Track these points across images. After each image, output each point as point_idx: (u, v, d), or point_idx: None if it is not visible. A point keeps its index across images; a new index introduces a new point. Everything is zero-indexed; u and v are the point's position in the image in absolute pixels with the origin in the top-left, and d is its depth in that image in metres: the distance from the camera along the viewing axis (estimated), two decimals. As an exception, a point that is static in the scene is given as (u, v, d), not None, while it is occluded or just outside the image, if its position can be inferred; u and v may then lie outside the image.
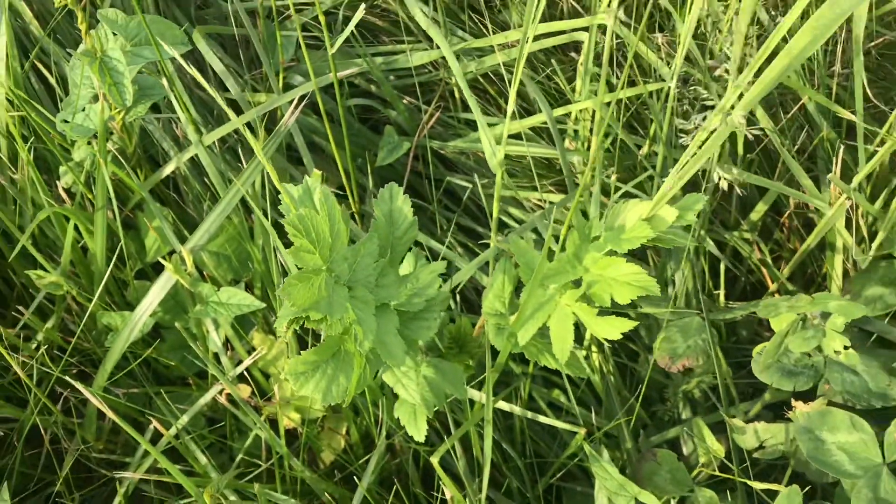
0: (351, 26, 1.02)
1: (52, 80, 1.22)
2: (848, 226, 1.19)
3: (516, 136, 1.33)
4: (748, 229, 1.33)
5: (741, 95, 0.77)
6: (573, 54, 1.38)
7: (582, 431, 1.08)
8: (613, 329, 0.93)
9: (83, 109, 1.08)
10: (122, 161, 1.11)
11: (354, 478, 1.14)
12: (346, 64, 1.41)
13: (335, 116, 1.41)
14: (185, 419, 1.10)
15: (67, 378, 1.05)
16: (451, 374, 1.01)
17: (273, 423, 1.18)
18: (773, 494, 0.97)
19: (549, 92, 1.34)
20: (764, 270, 1.31)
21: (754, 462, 1.05)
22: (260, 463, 1.13)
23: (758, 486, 0.96)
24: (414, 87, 1.43)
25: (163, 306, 1.16)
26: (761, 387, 1.12)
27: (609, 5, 1.10)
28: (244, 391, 1.12)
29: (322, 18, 1.02)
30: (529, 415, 1.09)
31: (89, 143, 1.08)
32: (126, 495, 1.11)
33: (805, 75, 1.20)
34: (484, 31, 1.42)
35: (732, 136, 1.24)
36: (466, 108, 1.42)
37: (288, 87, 1.35)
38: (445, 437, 1.15)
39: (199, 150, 1.06)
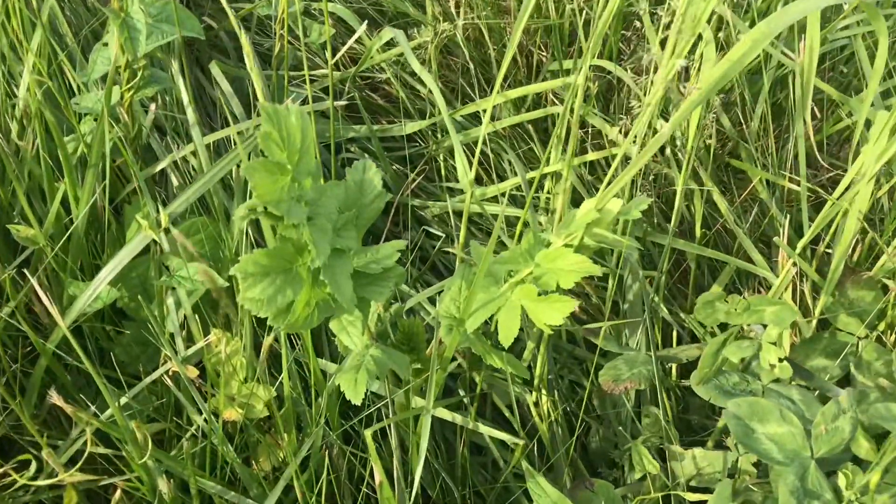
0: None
1: (74, 84, 1.33)
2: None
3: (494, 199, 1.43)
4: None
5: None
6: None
7: (521, 443, 1.08)
8: (555, 312, 0.96)
9: (95, 93, 1.18)
10: (123, 145, 1.19)
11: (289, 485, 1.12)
12: (346, 129, 1.53)
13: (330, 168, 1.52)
14: (132, 393, 1.10)
15: (25, 327, 1.07)
16: (398, 358, 1.03)
17: (217, 417, 1.17)
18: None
19: (527, 159, 1.45)
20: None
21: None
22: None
23: (690, 496, 0.95)
24: (404, 157, 1.54)
25: (128, 288, 1.19)
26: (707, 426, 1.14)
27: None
28: (192, 372, 1.13)
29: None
30: (471, 424, 1.09)
31: (95, 120, 1.17)
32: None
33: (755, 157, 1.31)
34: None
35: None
36: (448, 178, 1.52)
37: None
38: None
39: (195, 131, 1.15)
